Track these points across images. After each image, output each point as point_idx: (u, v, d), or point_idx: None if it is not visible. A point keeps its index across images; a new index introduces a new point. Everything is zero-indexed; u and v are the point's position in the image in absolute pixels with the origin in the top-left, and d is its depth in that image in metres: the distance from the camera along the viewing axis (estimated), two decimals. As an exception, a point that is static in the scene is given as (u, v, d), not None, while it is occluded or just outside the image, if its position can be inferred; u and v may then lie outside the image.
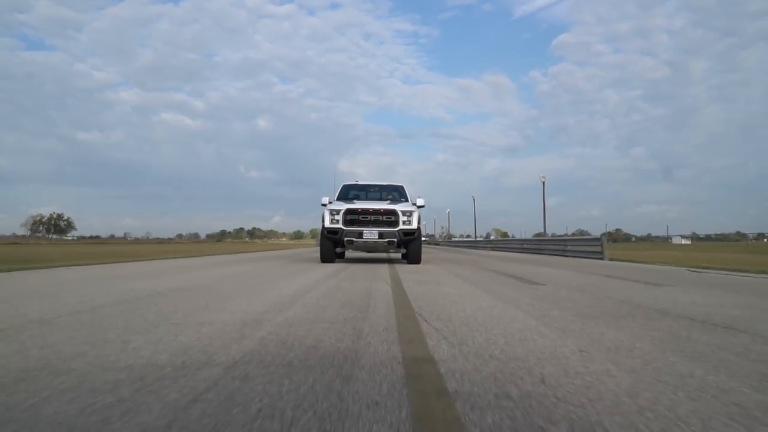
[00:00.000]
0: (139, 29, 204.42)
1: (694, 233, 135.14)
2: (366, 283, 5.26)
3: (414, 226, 9.23)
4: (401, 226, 9.17)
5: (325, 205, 9.67)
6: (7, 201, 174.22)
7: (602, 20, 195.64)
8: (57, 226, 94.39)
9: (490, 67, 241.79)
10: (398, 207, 9.38)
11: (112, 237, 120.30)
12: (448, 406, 1.45)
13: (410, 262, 9.39)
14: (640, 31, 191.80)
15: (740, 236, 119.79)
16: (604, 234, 18.82)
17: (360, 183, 11.54)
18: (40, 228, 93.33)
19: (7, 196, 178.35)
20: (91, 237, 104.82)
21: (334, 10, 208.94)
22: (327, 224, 9.27)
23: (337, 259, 9.96)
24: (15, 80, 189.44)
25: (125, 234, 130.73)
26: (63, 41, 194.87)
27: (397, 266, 8.60)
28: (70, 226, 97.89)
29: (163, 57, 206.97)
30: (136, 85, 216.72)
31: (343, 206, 9.37)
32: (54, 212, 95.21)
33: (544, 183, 31.94)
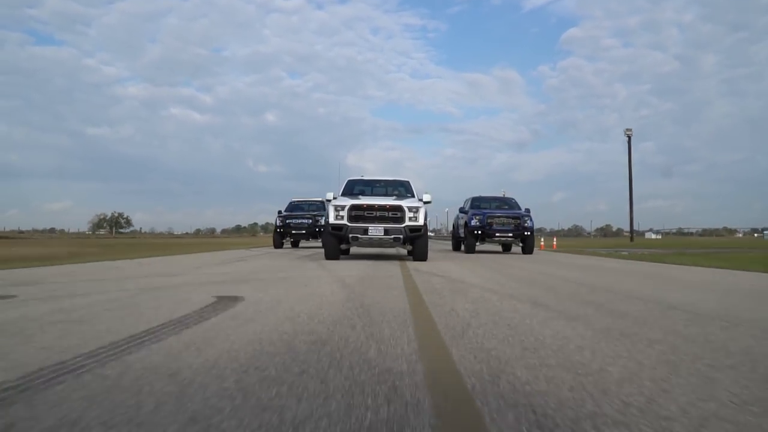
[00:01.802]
0: (148, 24, 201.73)
1: (680, 229, 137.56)
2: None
3: (420, 222, 9.06)
4: (407, 223, 8.99)
5: (329, 200, 9.48)
6: (18, 196, 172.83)
7: (611, 14, 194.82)
8: (118, 223, 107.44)
9: (498, 62, 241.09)
10: (404, 203, 9.20)
11: (133, 233, 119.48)
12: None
13: (416, 259, 9.21)
14: (650, 25, 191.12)
15: (727, 231, 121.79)
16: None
17: (365, 178, 11.33)
18: (105, 225, 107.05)
19: (17, 191, 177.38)
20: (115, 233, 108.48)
21: (343, 4, 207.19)
22: (331, 220, 9.07)
23: (341, 256, 9.77)
24: (24, 75, 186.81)
25: (141, 229, 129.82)
26: (72, 36, 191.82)
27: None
28: (128, 223, 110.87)
29: (172, 52, 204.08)
30: (145, 80, 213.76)
31: (348, 202, 9.17)
32: (115, 211, 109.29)
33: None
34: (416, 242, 9.18)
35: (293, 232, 16.10)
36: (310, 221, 16.17)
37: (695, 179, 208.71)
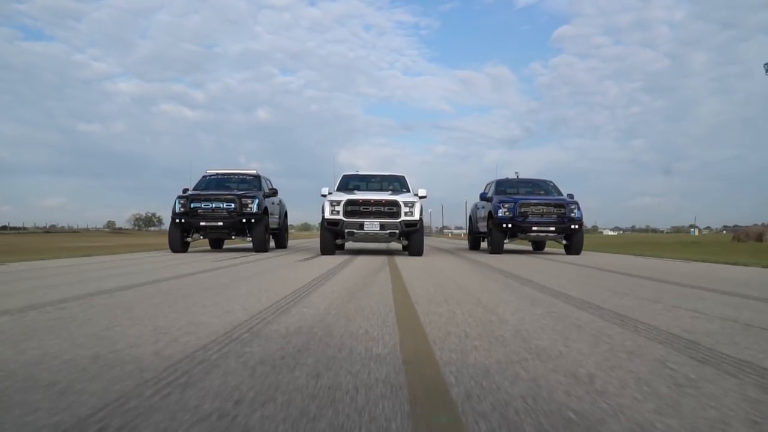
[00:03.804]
0: (139, 20, 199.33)
1: (648, 226, 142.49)
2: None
3: (416, 217, 9.10)
4: (403, 217, 9.02)
5: (324, 195, 9.44)
6: (11, 193, 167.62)
7: (602, 12, 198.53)
8: (151, 221, 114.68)
9: (490, 59, 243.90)
10: (400, 198, 9.22)
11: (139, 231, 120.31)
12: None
13: (412, 254, 9.25)
14: (640, 23, 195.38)
15: (695, 228, 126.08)
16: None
17: (360, 173, 11.31)
18: (140, 223, 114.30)
19: (10, 188, 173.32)
20: (117, 229, 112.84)
21: (335, 1, 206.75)
22: (327, 215, 9.04)
23: (337, 251, 9.74)
24: (14, 70, 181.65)
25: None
26: (62, 31, 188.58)
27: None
28: (160, 221, 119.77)
29: (163, 48, 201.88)
30: (136, 76, 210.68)
31: (344, 197, 9.16)
32: (148, 211, 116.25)
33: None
34: (412, 237, 9.22)
35: (203, 224, 10.05)
36: (233, 206, 10.08)
37: (686, 176, 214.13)
